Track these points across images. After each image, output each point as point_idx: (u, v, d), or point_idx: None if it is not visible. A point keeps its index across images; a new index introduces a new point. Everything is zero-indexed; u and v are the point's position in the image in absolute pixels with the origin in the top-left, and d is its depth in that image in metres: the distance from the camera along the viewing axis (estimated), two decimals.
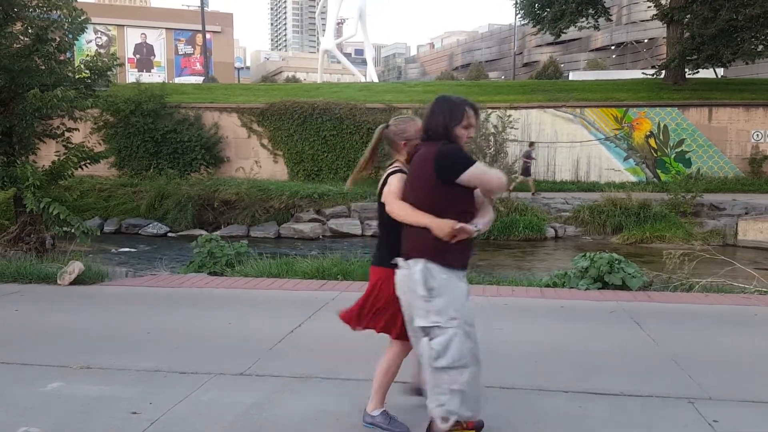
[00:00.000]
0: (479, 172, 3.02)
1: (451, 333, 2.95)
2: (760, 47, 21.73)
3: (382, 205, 3.29)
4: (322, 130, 21.18)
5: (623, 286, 6.83)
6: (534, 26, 29.32)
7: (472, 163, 3.02)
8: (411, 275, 3.01)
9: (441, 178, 2.99)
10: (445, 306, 2.96)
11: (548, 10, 26.67)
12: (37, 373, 4.30)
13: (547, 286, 7.13)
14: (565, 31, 27.27)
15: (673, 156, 21.03)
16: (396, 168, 3.33)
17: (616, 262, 7.02)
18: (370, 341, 4.66)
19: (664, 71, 24.38)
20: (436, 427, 3.03)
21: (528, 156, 18.75)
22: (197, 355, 4.65)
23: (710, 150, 20.95)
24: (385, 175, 3.34)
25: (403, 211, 3.10)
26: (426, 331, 2.99)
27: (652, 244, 14.44)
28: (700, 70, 24.26)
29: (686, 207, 16.03)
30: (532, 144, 19.50)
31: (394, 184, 3.23)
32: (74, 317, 5.81)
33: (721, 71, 28.28)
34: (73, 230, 9.69)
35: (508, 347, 4.81)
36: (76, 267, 7.09)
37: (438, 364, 2.94)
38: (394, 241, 3.20)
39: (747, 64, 23.44)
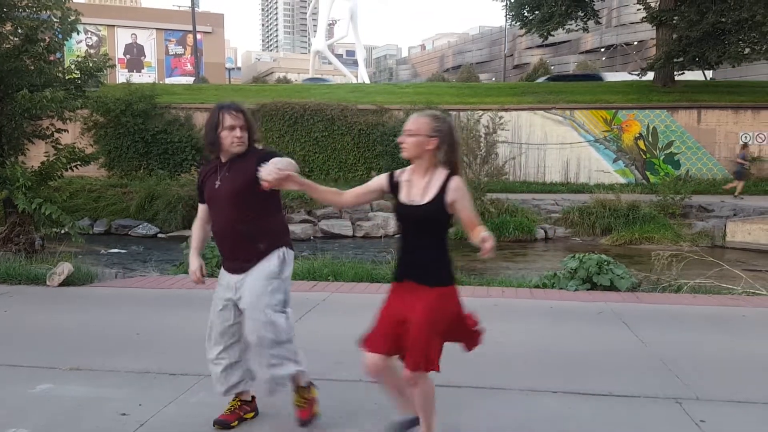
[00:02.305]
0: None
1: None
2: (746, 50, 21.91)
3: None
4: (313, 131, 21.18)
5: (612, 287, 6.88)
6: (521, 28, 29.44)
7: None
8: None
9: None
10: None
11: (537, 12, 26.76)
12: (26, 374, 4.28)
13: (537, 287, 7.17)
14: (553, 33, 27.37)
15: (662, 158, 21.17)
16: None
17: (605, 263, 7.07)
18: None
19: (649, 72, 24.55)
20: None
21: (744, 158, 18.76)
22: (187, 357, 4.64)
23: (699, 152, 21.10)
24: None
25: None
26: None
27: (641, 245, 14.51)
28: (685, 71, 24.42)
29: (675, 208, 16.13)
30: (745, 146, 19.44)
31: None
32: (63, 318, 5.78)
33: (710, 74, 28.49)
34: (64, 230, 9.66)
35: (498, 348, 4.83)
36: (65, 268, 7.06)
37: None
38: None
39: (733, 66, 23.62)
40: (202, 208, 3.54)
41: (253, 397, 3.59)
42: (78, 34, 11.73)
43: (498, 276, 9.26)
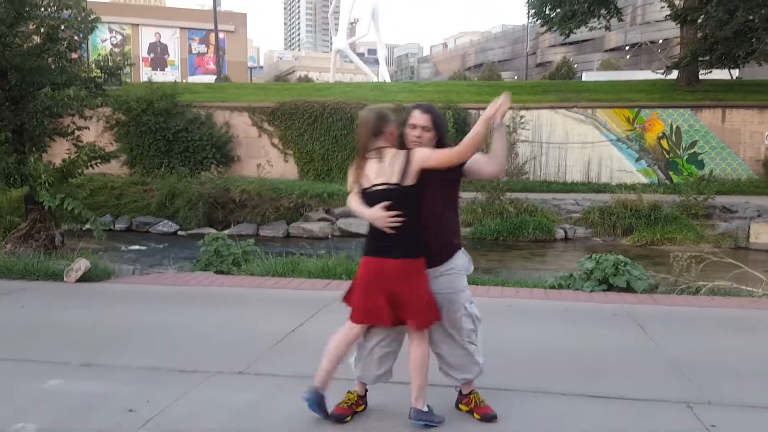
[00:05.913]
0: None
1: None
2: None
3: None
4: (332, 130, 21.20)
5: (629, 289, 6.78)
6: (542, 26, 29.20)
7: None
8: None
9: None
10: None
11: (558, 10, 26.49)
12: (37, 369, 4.33)
13: (552, 287, 7.09)
14: (575, 31, 27.08)
15: (685, 157, 20.86)
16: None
17: (622, 264, 6.97)
18: None
19: (673, 71, 24.19)
20: None
21: None
22: (197, 354, 4.67)
23: (723, 152, 20.75)
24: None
25: None
26: None
27: (662, 246, 14.32)
28: (712, 70, 24.02)
29: (698, 209, 15.86)
30: None
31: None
32: (78, 314, 5.85)
33: (736, 72, 28.00)
34: (86, 226, 9.75)
35: (509, 348, 4.79)
36: (82, 264, 7.14)
37: None
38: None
39: (760, 65, 23.18)
40: None
41: (366, 391, 3.66)
42: (101, 32, 11.85)
43: (514, 276, 9.20)
